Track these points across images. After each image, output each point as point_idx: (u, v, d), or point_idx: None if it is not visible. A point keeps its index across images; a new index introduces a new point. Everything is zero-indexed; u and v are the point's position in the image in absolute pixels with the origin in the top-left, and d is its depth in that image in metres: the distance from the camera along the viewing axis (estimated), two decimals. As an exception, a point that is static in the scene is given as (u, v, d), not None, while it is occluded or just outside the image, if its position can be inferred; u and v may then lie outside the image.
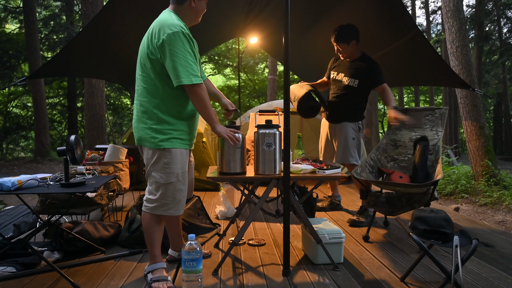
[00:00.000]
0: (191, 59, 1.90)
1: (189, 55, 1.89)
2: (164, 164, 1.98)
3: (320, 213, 3.72)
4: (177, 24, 1.90)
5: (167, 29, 1.87)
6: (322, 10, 3.61)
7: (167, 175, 1.98)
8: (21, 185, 1.96)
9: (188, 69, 1.87)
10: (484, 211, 4.68)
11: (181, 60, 1.86)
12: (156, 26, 1.93)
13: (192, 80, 1.88)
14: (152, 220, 2.04)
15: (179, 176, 2.01)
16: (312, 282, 2.10)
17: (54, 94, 16.03)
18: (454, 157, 9.58)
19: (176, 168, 1.99)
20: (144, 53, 1.99)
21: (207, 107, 1.97)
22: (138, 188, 4.00)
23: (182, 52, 1.87)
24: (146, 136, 1.99)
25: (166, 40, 1.86)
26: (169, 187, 1.99)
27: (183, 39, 1.88)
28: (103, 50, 3.30)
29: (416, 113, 3.28)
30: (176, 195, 2.02)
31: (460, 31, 5.63)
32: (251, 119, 4.45)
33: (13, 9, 14.15)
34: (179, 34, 1.87)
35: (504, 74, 16.41)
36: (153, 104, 1.97)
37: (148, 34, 1.98)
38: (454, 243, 1.77)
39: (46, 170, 8.90)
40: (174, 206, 2.02)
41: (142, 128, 2.00)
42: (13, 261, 2.26)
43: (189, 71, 1.88)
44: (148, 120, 1.98)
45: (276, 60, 11.17)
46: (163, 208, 2.01)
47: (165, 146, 1.97)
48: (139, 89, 2.03)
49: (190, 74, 1.88)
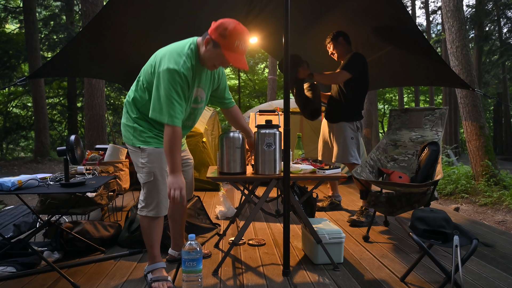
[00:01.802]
0: (176, 99, 1.83)
1: (177, 95, 1.82)
2: (142, 164, 1.98)
3: (320, 213, 3.72)
4: (182, 61, 1.84)
5: (169, 62, 1.82)
6: (322, 10, 3.61)
7: (145, 174, 1.98)
8: (21, 185, 1.96)
9: (169, 109, 1.81)
10: (484, 211, 4.68)
11: (165, 98, 1.81)
12: (165, 52, 1.88)
13: (167, 120, 1.82)
14: (149, 222, 2.02)
15: (157, 175, 1.97)
16: (312, 282, 2.10)
17: (54, 94, 16.03)
18: (454, 157, 9.58)
19: (153, 167, 1.97)
20: (148, 66, 1.97)
21: (173, 150, 1.84)
22: (138, 188, 3.99)
23: (170, 91, 1.80)
24: (127, 134, 2.03)
25: (161, 73, 1.82)
26: (149, 187, 1.98)
27: (176, 79, 1.81)
28: (103, 50, 3.30)
29: (416, 113, 3.28)
30: (157, 195, 1.98)
31: (460, 31, 5.63)
32: (251, 119, 4.45)
33: (13, 9, 14.15)
34: (175, 73, 1.81)
35: (504, 74, 16.41)
36: (136, 111, 2.02)
37: (157, 56, 1.93)
38: (454, 243, 1.77)
39: (46, 170, 8.90)
40: (156, 207, 1.99)
41: (124, 125, 2.06)
42: (13, 261, 2.26)
43: (169, 112, 1.81)
44: (130, 118, 2.03)
45: (276, 60, 11.16)
46: (147, 209, 2.00)
47: (139, 145, 1.98)
48: (130, 93, 2.06)
49: (168, 114, 1.82)
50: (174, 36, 3.83)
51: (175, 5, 3.20)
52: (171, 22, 3.47)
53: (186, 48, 1.90)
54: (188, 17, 3.56)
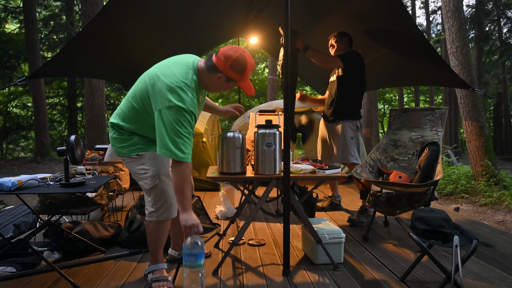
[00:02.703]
0: (186, 135, 1.74)
1: (185, 131, 1.74)
2: (142, 170, 1.96)
3: (320, 213, 3.72)
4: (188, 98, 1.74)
5: (173, 98, 1.72)
6: (322, 10, 3.61)
7: (148, 179, 1.95)
8: (21, 185, 1.96)
9: (179, 145, 1.72)
10: (484, 211, 4.68)
11: (173, 136, 1.72)
12: (167, 83, 1.75)
13: (179, 158, 1.73)
14: (156, 228, 2.00)
15: (161, 176, 1.96)
16: (312, 282, 2.10)
17: (54, 94, 16.04)
18: (454, 157, 9.58)
19: (154, 170, 1.94)
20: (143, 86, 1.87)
21: (184, 188, 1.75)
22: (138, 188, 4.00)
23: (178, 127, 1.71)
24: (119, 150, 1.99)
25: (166, 110, 1.72)
26: (156, 191, 1.95)
27: (185, 116, 1.72)
28: (103, 50, 3.30)
29: (416, 113, 3.28)
30: (166, 198, 1.97)
31: (460, 31, 5.63)
32: (251, 119, 4.45)
33: (13, 9, 14.16)
34: (182, 110, 1.72)
35: (504, 74, 16.41)
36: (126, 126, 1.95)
37: (154, 76, 1.81)
38: (454, 243, 1.77)
39: (46, 170, 8.91)
40: (167, 210, 1.99)
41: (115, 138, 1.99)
42: (13, 261, 2.26)
43: (179, 148, 1.72)
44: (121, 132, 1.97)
45: (276, 60, 11.16)
46: (157, 213, 1.98)
47: (136, 152, 1.95)
48: (119, 110, 1.99)
49: (179, 151, 1.72)
50: (174, 36, 3.86)
51: (175, 5, 3.20)
52: (171, 22, 3.47)
53: (189, 80, 1.80)
54: (188, 17, 3.56)
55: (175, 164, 1.77)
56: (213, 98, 18.92)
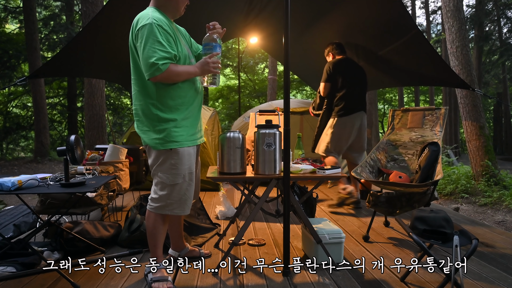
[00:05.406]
0: (161, 41, 1.81)
1: (160, 39, 1.81)
2: (171, 165, 1.94)
3: (320, 213, 3.72)
4: (150, 17, 1.85)
5: (139, 24, 1.85)
6: (322, 10, 3.61)
7: (173, 176, 1.94)
8: (21, 185, 1.96)
9: (156, 55, 1.79)
10: (484, 211, 4.68)
11: (148, 49, 1.80)
12: (133, 23, 1.91)
13: (161, 67, 1.79)
14: (156, 221, 2.01)
15: (185, 177, 1.97)
16: (312, 282, 2.10)
17: (54, 94, 16.03)
18: (454, 157, 9.58)
19: (183, 169, 1.96)
20: (131, 52, 1.95)
21: (185, 74, 1.91)
22: (138, 188, 4.00)
23: (151, 40, 1.80)
24: (150, 138, 1.94)
25: (137, 35, 1.84)
26: (175, 187, 1.96)
27: (154, 30, 1.81)
28: (103, 50, 3.30)
29: (416, 113, 3.28)
30: (182, 196, 1.99)
31: (460, 31, 5.63)
32: (251, 119, 4.45)
33: (13, 9, 14.15)
34: (150, 26, 1.82)
35: (504, 74, 16.42)
36: (150, 104, 1.92)
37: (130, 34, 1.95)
38: (454, 243, 1.77)
39: (46, 170, 8.90)
40: (180, 206, 2.00)
41: (145, 131, 1.96)
42: (13, 261, 2.25)
43: (157, 57, 1.79)
44: (149, 122, 1.94)
45: (276, 60, 11.17)
46: (168, 208, 1.98)
47: (171, 146, 1.92)
48: (134, 93, 1.99)
49: (159, 58, 1.79)
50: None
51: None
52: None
53: (149, 11, 1.92)
54: (188, 17, 3.56)
55: (164, 76, 1.84)
56: (213, 98, 18.92)
